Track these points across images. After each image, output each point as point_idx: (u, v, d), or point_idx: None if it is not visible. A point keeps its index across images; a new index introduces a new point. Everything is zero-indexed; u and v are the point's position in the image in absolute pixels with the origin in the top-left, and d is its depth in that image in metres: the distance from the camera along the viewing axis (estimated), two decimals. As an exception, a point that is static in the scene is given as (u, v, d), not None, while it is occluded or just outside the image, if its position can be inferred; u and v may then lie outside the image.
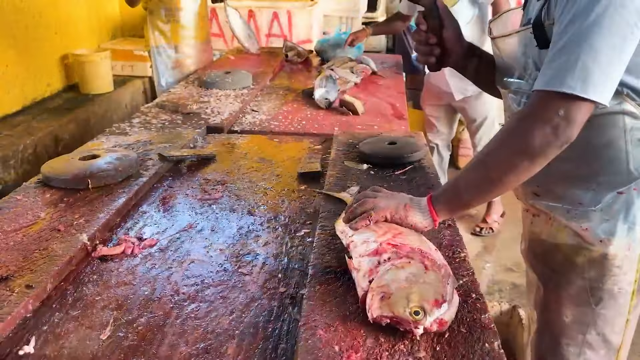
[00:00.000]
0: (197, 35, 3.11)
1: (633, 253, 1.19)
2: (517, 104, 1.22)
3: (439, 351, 0.87)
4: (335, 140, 1.88)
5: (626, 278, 1.20)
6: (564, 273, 1.26)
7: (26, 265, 1.12)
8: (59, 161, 1.60)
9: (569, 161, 1.13)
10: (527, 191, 1.29)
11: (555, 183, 1.21)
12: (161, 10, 2.94)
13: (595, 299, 1.23)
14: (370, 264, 0.98)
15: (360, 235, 1.07)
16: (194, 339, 0.96)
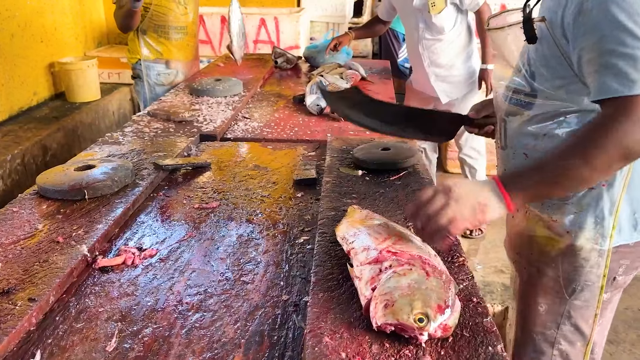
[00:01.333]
0: (187, 52, 3.11)
1: (601, 247, 1.22)
2: (504, 97, 1.27)
3: (444, 355, 0.89)
4: (329, 147, 1.90)
5: (593, 271, 1.24)
6: (539, 264, 1.31)
7: (27, 278, 1.12)
8: (54, 172, 1.59)
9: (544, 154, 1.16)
10: None
11: None
12: (153, 28, 2.93)
13: (569, 290, 1.27)
14: (371, 272, 0.99)
15: (360, 242, 1.08)
16: (200, 348, 0.97)
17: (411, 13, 2.90)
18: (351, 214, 1.26)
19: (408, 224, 1.31)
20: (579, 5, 1.04)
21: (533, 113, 1.20)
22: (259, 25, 4.88)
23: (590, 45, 1.04)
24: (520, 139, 1.25)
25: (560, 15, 1.09)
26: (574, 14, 1.05)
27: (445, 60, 2.98)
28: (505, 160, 1.31)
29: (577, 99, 1.14)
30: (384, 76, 3.35)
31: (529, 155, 1.24)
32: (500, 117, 1.31)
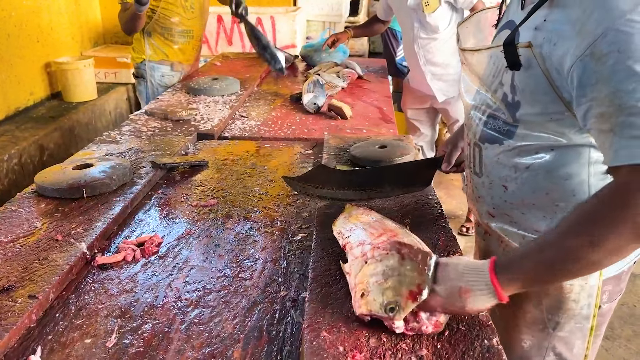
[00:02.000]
0: (192, 55, 3.12)
1: (589, 284, 1.15)
2: (478, 121, 1.18)
3: (440, 349, 0.90)
4: (326, 145, 1.91)
5: (577, 303, 1.17)
6: (519, 302, 1.20)
7: (27, 276, 1.13)
8: (52, 171, 1.60)
9: (527, 188, 1.11)
10: (482, 210, 1.24)
11: (511, 208, 1.16)
12: (160, 31, 2.93)
13: (552, 323, 1.21)
14: (359, 265, 1.00)
15: (356, 237, 1.09)
16: (199, 343, 0.98)
17: (406, 12, 2.91)
18: (348, 210, 1.27)
19: (405, 220, 1.32)
20: (592, 48, 0.88)
21: (514, 144, 1.09)
22: (255, 24, 4.88)
23: (602, 97, 0.88)
24: (499, 169, 1.14)
25: (562, 52, 0.94)
26: (585, 57, 0.90)
27: (440, 59, 2.99)
28: (480, 187, 1.22)
29: (566, 133, 1.03)
30: (381, 75, 3.36)
31: (508, 188, 1.14)
32: (474, 141, 1.19)
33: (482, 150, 1.17)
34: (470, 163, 1.24)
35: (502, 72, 1.09)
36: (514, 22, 1.09)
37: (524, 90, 1.04)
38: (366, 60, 4.54)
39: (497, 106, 1.12)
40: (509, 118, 1.09)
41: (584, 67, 0.90)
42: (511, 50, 1.01)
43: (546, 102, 1.01)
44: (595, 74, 0.89)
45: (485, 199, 1.22)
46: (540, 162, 1.08)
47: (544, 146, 1.06)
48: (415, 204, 1.42)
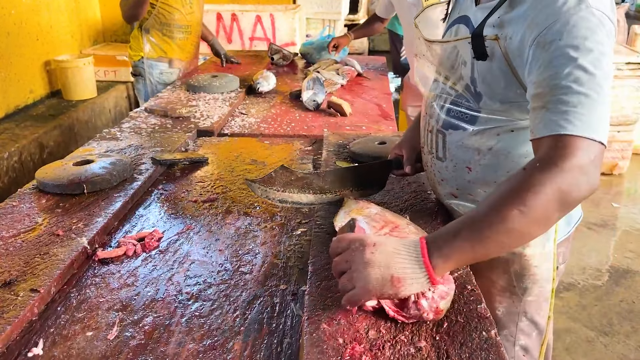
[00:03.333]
0: (190, 51, 3.12)
1: (546, 250, 1.25)
2: (440, 109, 1.24)
3: (439, 340, 0.91)
4: (325, 142, 1.92)
5: (540, 268, 1.26)
6: (489, 272, 1.27)
7: (28, 270, 1.13)
8: (53, 167, 1.61)
9: (490, 169, 1.19)
10: (444, 192, 1.31)
11: (474, 187, 1.23)
12: (158, 26, 2.94)
13: (521, 289, 1.29)
14: None
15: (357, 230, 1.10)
16: (200, 336, 0.99)
17: (407, 8, 2.91)
18: (348, 204, 1.28)
19: (405, 215, 1.33)
20: (539, 37, 0.98)
21: (477, 128, 1.16)
22: (254, 22, 4.89)
23: (542, 79, 0.96)
24: (463, 152, 1.21)
25: (519, 43, 1.03)
26: (534, 45, 0.99)
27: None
28: (444, 171, 1.28)
29: (525, 116, 1.10)
30: (380, 72, 3.37)
31: (472, 170, 1.21)
32: (436, 128, 1.26)
33: (445, 137, 1.24)
34: (432, 149, 1.30)
35: (460, 64, 1.17)
36: (468, 17, 1.19)
37: (485, 81, 1.11)
38: (366, 57, 4.54)
39: (458, 94, 1.20)
40: (472, 105, 1.16)
41: (532, 54, 0.99)
42: (479, 42, 1.08)
43: (507, 90, 1.09)
44: (540, 60, 0.98)
45: (448, 182, 1.29)
46: (501, 143, 1.16)
47: (505, 129, 1.14)
48: (414, 199, 1.43)
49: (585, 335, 2.49)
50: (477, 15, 1.16)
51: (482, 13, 1.14)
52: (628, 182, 4.23)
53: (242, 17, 4.89)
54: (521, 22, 1.03)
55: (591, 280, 2.95)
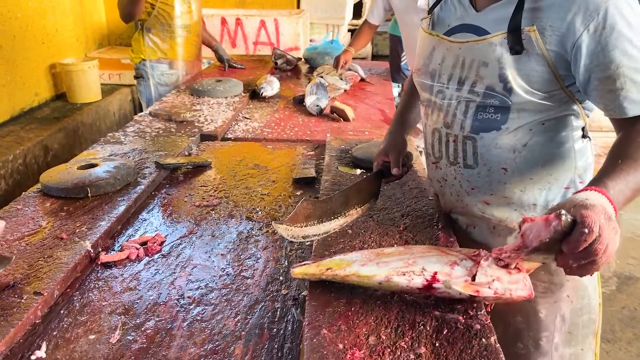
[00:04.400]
0: (191, 51, 3.13)
1: None
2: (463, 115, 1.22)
3: (439, 347, 0.91)
4: (328, 146, 1.93)
5: None
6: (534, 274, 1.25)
7: (32, 273, 1.14)
8: (57, 170, 1.62)
9: (526, 166, 1.21)
10: (474, 201, 1.30)
11: (510, 189, 1.24)
12: (159, 27, 2.96)
13: (558, 286, 1.31)
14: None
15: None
16: (201, 340, 1.00)
17: (414, 11, 2.92)
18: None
19: (404, 221, 1.33)
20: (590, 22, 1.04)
21: (511, 127, 1.18)
22: (259, 27, 4.91)
23: (606, 63, 1.05)
24: (498, 154, 1.21)
25: (565, 26, 1.06)
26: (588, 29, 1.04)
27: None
28: (475, 178, 1.27)
29: (555, 107, 1.15)
30: (383, 77, 3.38)
31: (508, 170, 1.22)
32: (462, 135, 1.24)
33: (476, 142, 1.23)
34: (458, 158, 1.28)
35: (477, 66, 1.17)
36: (470, 24, 1.20)
37: (521, 74, 1.12)
38: (369, 62, 4.56)
39: (484, 95, 1.18)
40: (503, 103, 1.16)
41: (589, 40, 1.05)
42: (516, 36, 1.10)
43: (541, 82, 1.12)
44: (599, 45, 1.04)
45: (481, 189, 1.27)
46: (535, 138, 1.18)
47: (536, 122, 1.17)
48: (416, 204, 1.43)
49: (587, 342, 2.49)
50: (487, 18, 1.17)
51: (495, 14, 1.15)
52: (631, 189, 4.22)
53: (246, 21, 4.91)
54: (561, 9, 1.07)
55: (593, 286, 2.94)
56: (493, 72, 1.15)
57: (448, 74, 1.24)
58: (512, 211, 1.26)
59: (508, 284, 0.95)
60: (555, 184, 1.23)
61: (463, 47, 1.20)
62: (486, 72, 1.16)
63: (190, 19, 3.05)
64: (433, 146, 1.33)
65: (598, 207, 0.86)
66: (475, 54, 1.18)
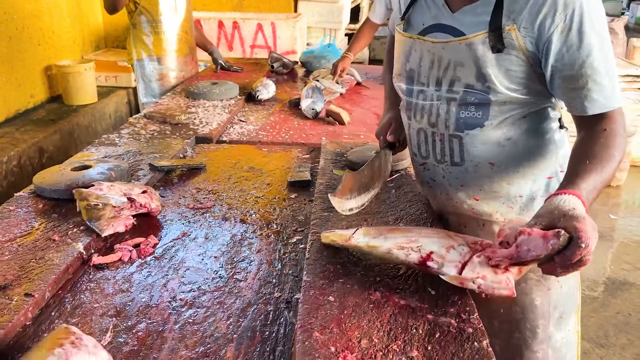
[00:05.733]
0: (180, 47, 3.13)
1: None
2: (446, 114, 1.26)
3: (431, 350, 0.91)
4: (323, 150, 1.92)
5: None
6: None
7: (23, 275, 1.14)
8: (51, 172, 1.61)
9: (512, 158, 1.26)
10: (464, 198, 1.34)
11: (498, 182, 1.29)
12: (144, 23, 2.96)
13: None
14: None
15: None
16: (193, 343, 0.99)
17: None
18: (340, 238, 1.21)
19: (398, 223, 1.33)
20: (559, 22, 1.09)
21: (493, 122, 1.22)
22: (256, 30, 4.91)
23: (571, 62, 1.11)
24: (484, 149, 1.25)
25: (537, 25, 1.11)
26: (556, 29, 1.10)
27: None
28: (463, 175, 1.30)
29: (534, 100, 1.21)
30: (379, 81, 3.38)
31: (495, 164, 1.27)
32: (448, 134, 1.27)
33: (462, 139, 1.27)
34: (445, 157, 1.31)
35: (453, 66, 1.21)
36: (445, 24, 1.23)
37: (500, 72, 1.16)
38: (366, 67, 4.56)
39: (463, 93, 1.22)
40: (483, 100, 1.20)
41: (556, 39, 1.10)
42: (497, 35, 1.14)
43: (520, 78, 1.17)
44: (565, 44, 1.10)
45: (469, 185, 1.32)
46: (518, 131, 1.24)
47: (518, 116, 1.22)
48: (410, 208, 1.43)
49: (582, 347, 2.48)
50: (463, 19, 1.20)
51: (470, 14, 1.19)
52: (625, 194, 4.24)
53: (243, 24, 4.92)
54: (533, 11, 1.11)
55: (588, 291, 2.95)
56: (470, 72, 1.19)
57: (426, 75, 1.28)
58: (501, 205, 1.32)
59: (491, 282, 0.97)
60: (540, 175, 1.29)
61: (438, 48, 1.23)
62: (463, 72, 1.21)
63: (176, 14, 3.04)
64: (419, 147, 1.37)
65: (587, 218, 0.93)
66: (451, 54, 1.21)
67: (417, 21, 1.30)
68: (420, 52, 1.28)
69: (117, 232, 1.37)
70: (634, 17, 8.02)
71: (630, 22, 7.90)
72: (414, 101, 1.32)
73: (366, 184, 1.44)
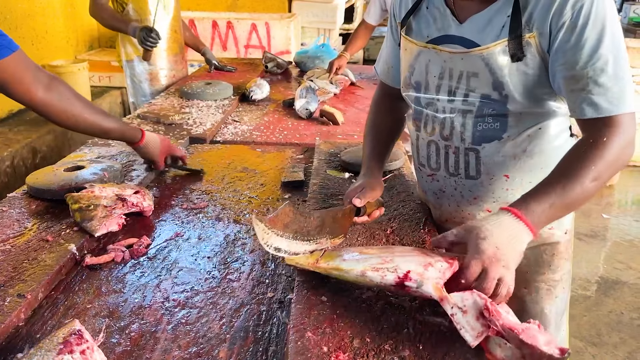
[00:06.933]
0: (170, 46, 3.11)
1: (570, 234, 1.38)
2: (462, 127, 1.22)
3: (422, 350, 0.91)
4: (317, 150, 1.93)
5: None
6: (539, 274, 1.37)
7: (16, 275, 1.14)
8: (44, 172, 1.61)
9: (526, 170, 1.24)
10: (476, 211, 1.31)
11: (512, 195, 1.24)
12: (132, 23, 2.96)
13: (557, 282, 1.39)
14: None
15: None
16: (186, 343, 0.99)
17: None
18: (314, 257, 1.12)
19: (391, 225, 1.34)
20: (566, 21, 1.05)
21: (509, 134, 1.19)
22: (250, 30, 4.92)
23: (574, 62, 1.06)
24: (501, 162, 1.23)
25: (547, 26, 1.07)
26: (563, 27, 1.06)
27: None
28: (478, 188, 1.28)
29: (548, 108, 1.17)
30: (373, 81, 3.38)
31: (510, 176, 1.24)
32: (463, 147, 1.24)
33: (479, 153, 1.23)
34: (459, 170, 1.27)
35: (467, 76, 1.18)
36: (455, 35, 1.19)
37: (519, 81, 1.13)
38: (360, 67, 4.57)
39: (479, 105, 1.18)
40: (499, 111, 1.17)
41: (561, 38, 1.06)
42: (517, 42, 1.11)
43: (538, 85, 1.13)
44: (569, 43, 1.06)
45: (483, 198, 1.28)
46: (534, 143, 1.21)
47: (534, 128, 1.20)
48: (402, 208, 1.44)
49: (574, 345, 2.50)
50: (471, 28, 1.16)
51: (479, 23, 1.15)
52: (618, 194, 4.27)
53: (237, 24, 4.92)
54: (544, 12, 1.07)
55: (580, 290, 2.97)
56: (486, 82, 1.16)
57: (436, 85, 1.23)
58: None
59: (466, 323, 0.90)
60: None
61: (456, 58, 1.19)
62: (477, 82, 1.17)
63: (165, 13, 3.03)
64: (429, 158, 1.32)
65: (486, 253, 0.95)
66: (466, 65, 1.17)
67: (420, 33, 1.26)
68: (431, 61, 1.23)
69: (110, 233, 1.37)
70: (626, 18, 8.07)
71: (624, 22, 7.95)
72: (424, 111, 1.28)
73: (309, 232, 1.22)
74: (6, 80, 1.31)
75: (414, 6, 1.28)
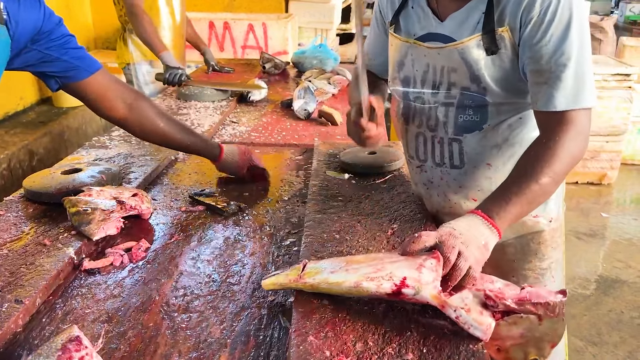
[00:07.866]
0: (175, 52, 3.11)
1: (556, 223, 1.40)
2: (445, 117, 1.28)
3: (426, 353, 0.90)
4: (316, 151, 1.92)
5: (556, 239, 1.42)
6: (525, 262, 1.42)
7: (13, 280, 1.12)
8: (41, 175, 1.59)
9: (508, 158, 1.28)
10: (461, 200, 1.36)
11: (494, 183, 1.26)
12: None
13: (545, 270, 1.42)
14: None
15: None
16: (186, 348, 0.98)
17: None
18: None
19: (392, 225, 1.33)
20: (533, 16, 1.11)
21: (490, 124, 1.25)
22: (247, 30, 4.90)
23: (539, 56, 1.11)
24: (482, 152, 1.28)
25: (517, 21, 1.13)
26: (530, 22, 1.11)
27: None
28: (463, 177, 1.33)
29: (526, 98, 1.21)
30: (371, 81, 3.38)
31: (492, 164, 1.30)
32: (447, 137, 1.30)
33: (462, 143, 1.29)
34: (444, 159, 1.33)
35: (447, 71, 1.23)
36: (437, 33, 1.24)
37: (495, 73, 1.18)
38: (357, 67, 4.56)
39: (460, 97, 1.24)
40: (480, 102, 1.22)
41: (528, 32, 1.12)
42: (491, 37, 1.16)
43: (514, 78, 1.18)
44: (535, 38, 1.11)
45: (468, 187, 1.34)
46: (514, 132, 1.26)
47: (514, 118, 1.24)
48: (403, 209, 1.43)
49: (574, 345, 2.50)
50: (451, 25, 1.22)
51: (457, 21, 1.21)
52: (617, 192, 4.27)
53: (234, 25, 4.90)
54: (514, 9, 1.13)
55: (580, 290, 2.96)
56: (464, 75, 1.21)
57: (421, 79, 1.30)
58: None
59: (472, 320, 0.92)
60: None
61: (433, 53, 1.25)
62: (457, 77, 1.23)
63: (173, 19, 3.02)
64: (417, 149, 1.38)
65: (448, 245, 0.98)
66: (444, 60, 1.23)
67: (407, 31, 1.32)
68: (416, 57, 1.29)
69: (109, 237, 1.35)
70: (623, 16, 8.08)
71: (620, 20, 7.96)
72: (412, 104, 1.34)
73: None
74: (92, 98, 1.46)
75: (401, 5, 1.33)
